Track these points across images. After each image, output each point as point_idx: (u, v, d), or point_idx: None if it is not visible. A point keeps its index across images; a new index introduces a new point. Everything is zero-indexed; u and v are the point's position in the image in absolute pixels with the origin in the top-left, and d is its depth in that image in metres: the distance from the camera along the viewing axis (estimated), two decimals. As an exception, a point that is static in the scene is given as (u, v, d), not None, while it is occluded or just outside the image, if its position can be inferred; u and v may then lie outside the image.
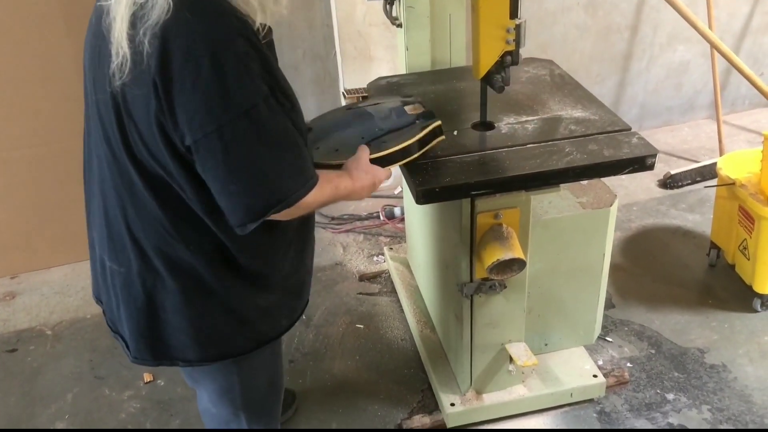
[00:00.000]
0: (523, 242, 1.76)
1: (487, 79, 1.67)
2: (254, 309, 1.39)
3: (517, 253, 1.68)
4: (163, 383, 2.35)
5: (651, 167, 1.64)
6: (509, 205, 1.71)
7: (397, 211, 3.07)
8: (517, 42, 1.60)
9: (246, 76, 1.12)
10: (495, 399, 2.06)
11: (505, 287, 1.84)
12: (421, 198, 1.55)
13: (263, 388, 1.59)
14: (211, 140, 1.12)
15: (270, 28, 1.25)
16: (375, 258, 2.91)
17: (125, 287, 1.35)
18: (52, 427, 2.21)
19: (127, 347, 1.44)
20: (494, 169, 1.61)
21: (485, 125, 1.80)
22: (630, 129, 1.74)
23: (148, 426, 2.19)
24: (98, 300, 1.52)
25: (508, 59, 1.63)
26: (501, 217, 1.71)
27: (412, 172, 1.61)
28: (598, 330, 2.22)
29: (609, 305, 2.51)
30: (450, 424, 2.07)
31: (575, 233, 1.98)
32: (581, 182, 2.02)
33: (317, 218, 3.18)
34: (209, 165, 1.15)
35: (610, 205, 1.98)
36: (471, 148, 1.70)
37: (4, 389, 2.38)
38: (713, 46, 2.88)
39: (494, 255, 1.68)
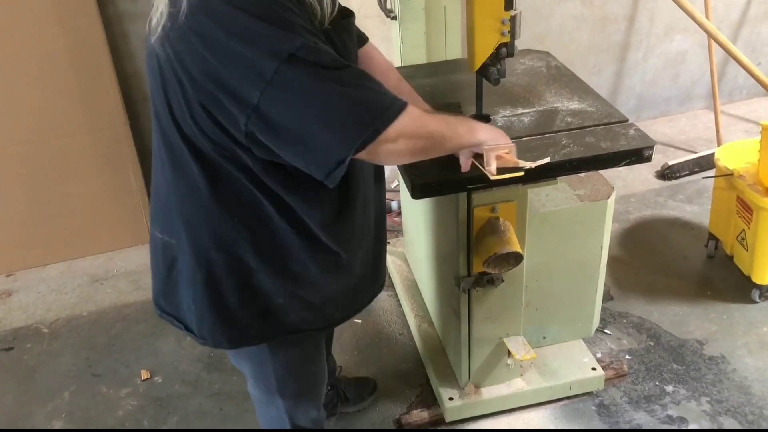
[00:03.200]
0: (521, 236, 1.75)
1: (483, 72, 1.65)
2: (287, 296, 1.34)
3: (514, 246, 1.67)
4: (160, 380, 2.34)
5: (648, 159, 1.62)
6: (506, 198, 1.70)
7: (394, 204, 3.06)
8: (513, 34, 1.58)
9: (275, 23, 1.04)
10: (493, 393, 2.05)
11: (503, 281, 1.83)
12: (417, 192, 1.53)
13: (301, 378, 1.57)
14: (266, 97, 1.05)
15: (346, 11, 1.22)
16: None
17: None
18: (49, 426, 2.20)
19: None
20: (490, 163, 1.59)
21: (481, 118, 1.78)
22: (627, 121, 1.72)
23: (145, 424, 2.19)
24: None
25: (504, 51, 1.60)
26: (498, 211, 1.70)
27: (407, 166, 1.59)
28: (596, 323, 2.21)
29: (607, 298, 2.50)
30: (449, 419, 2.06)
31: (573, 226, 1.97)
32: (579, 174, 2.01)
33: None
34: (274, 123, 1.07)
35: (608, 198, 1.96)
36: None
37: (1, 388, 2.37)
38: (710, 35, 2.86)
39: (491, 249, 1.67)
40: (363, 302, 1.54)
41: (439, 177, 1.54)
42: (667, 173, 3.21)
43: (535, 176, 1.61)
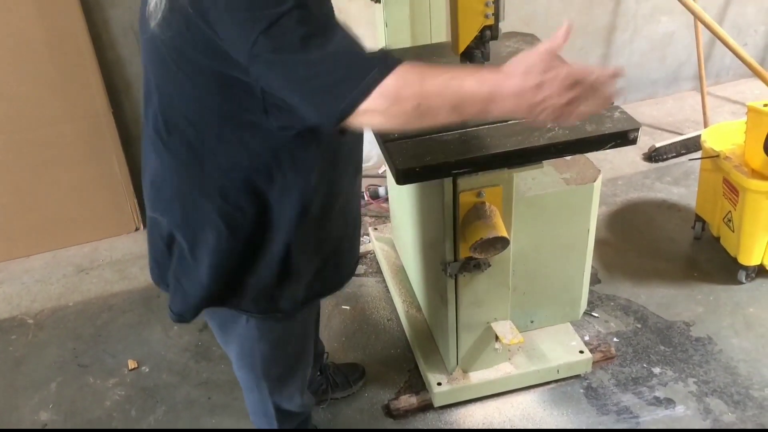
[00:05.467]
0: (507, 220, 1.74)
1: (467, 55, 1.64)
2: (276, 271, 1.33)
3: (500, 231, 1.66)
4: (147, 370, 2.33)
5: (634, 141, 1.62)
6: (492, 183, 1.69)
7: (381, 191, 3.04)
8: (497, 16, 1.57)
9: None
10: (482, 377, 2.06)
11: (489, 266, 1.82)
12: (401, 178, 1.52)
13: (287, 359, 1.57)
14: (262, 45, 1.00)
15: None
16: (360, 239, 2.88)
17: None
18: (36, 418, 2.19)
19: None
20: (475, 147, 1.57)
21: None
22: (612, 103, 1.71)
23: (133, 414, 2.18)
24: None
25: (488, 34, 1.59)
26: (483, 196, 1.69)
27: (391, 152, 1.58)
28: (584, 306, 2.22)
29: (595, 281, 2.50)
30: (437, 404, 2.06)
31: (559, 209, 1.96)
32: (565, 158, 2.00)
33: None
34: (274, 68, 1.03)
35: (594, 181, 1.96)
36: (452, 126, 1.67)
37: (-14, 380, 2.35)
38: (697, 16, 2.84)
39: (477, 234, 1.66)
40: (344, 276, 1.53)
41: (424, 162, 1.52)
42: (654, 155, 3.21)
43: (521, 160, 1.61)
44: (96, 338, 2.48)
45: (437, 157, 1.53)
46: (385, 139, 1.63)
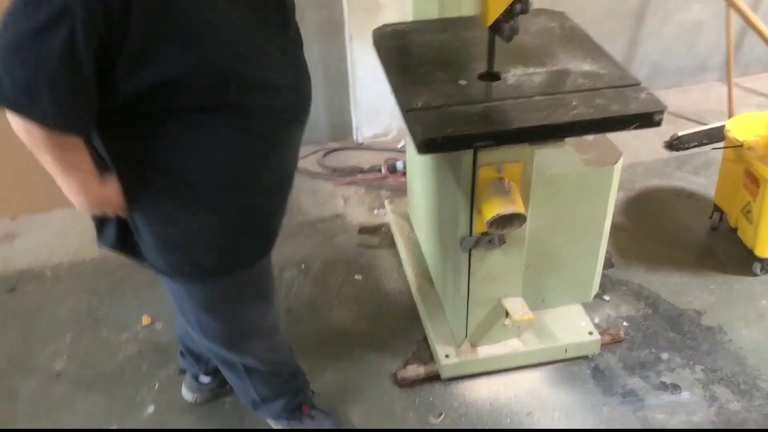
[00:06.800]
0: (525, 197, 1.74)
1: (496, 28, 1.63)
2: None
3: (518, 207, 1.66)
4: (161, 327, 2.36)
5: (658, 123, 1.61)
6: (512, 159, 1.68)
7: (399, 164, 3.04)
8: (528, -10, 1.55)
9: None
10: (490, 352, 2.07)
11: (504, 242, 1.83)
12: (423, 148, 1.52)
13: (224, 322, 1.59)
14: None
15: None
16: (375, 211, 2.90)
17: None
18: (51, 367, 2.24)
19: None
20: (499, 121, 1.57)
21: (492, 76, 1.76)
22: (639, 84, 1.70)
23: (144, 369, 2.22)
24: None
25: (518, 7, 1.57)
26: (503, 171, 1.69)
27: (412, 121, 1.58)
28: (596, 288, 2.22)
29: (608, 265, 2.50)
30: (444, 375, 2.08)
31: (578, 190, 1.96)
32: (587, 138, 1.99)
33: (318, 169, 3.15)
34: None
35: (615, 163, 1.95)
36: (476, 98, 1.66)
37: (4, 328, 2.40)
38: (730, 3, 2.80)
39: (495, 209, 1.66)
40: (268, 240, 1.51)
41: (446, 133, 1.52)
42: (675, 144, 3.18)
43: (544, 136, 1.61)
44: (111, 293, 2.52)
45: (460, 129, 1.53)
46: (407, 109, 1.63)
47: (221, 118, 1.22)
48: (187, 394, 2.07)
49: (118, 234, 1.44)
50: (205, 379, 2.02)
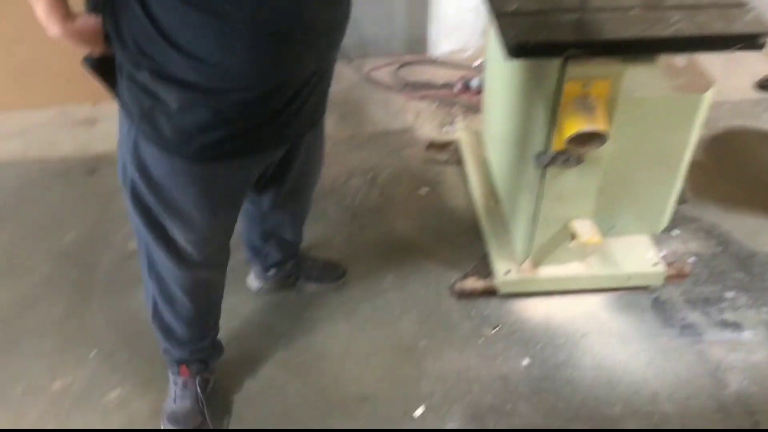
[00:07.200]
0: (609, 117, 1.69)
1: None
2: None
3: (601, 125, 1.62)
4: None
5: (762, 47, 1.52)
6: (601, 75, 1.63)
7: (474, 82, 2.99)
8: None
9: None
10: (551, 273, 2.08)
11: (581, 162, 1.79)
12: (513, 52, 1.49)
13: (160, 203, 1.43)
14: None
15: None
16: (445, 128, 2.88)
17: None
18: (125, 247, 2.35)
19: None
20: (593, 31, 1.52)
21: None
22: (746, 5, 1.61)
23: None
24: None
25: None
26: (590, 87, 1.64)
27: (504, 26, 1.54)
28: (666, 221, 2.17)
29: (682, 200, 2.43)
30: (502, 291, 2.10)
31: (663, 116, 1.89)
32: (678, 63, 1.90)
33: (391, 82, 3.12)
34: None
35: (705, 91, 1.87)
36: (571, 6, 1.61)
37: (84, 207, 2.52)
38: None
39: (576, 125, 1.62)
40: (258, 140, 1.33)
41: (538, 39, 1.48)
42: (767, 85, 3.02)
43: (639, 49, 1.54)
44: (184, 184, 2.60)
45: (552, 35, 1.49)
46: (498, 13, 1.59)
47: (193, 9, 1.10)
48: (253, 282, 2.15)
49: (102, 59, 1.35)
50: (270, 272, 2.10)
